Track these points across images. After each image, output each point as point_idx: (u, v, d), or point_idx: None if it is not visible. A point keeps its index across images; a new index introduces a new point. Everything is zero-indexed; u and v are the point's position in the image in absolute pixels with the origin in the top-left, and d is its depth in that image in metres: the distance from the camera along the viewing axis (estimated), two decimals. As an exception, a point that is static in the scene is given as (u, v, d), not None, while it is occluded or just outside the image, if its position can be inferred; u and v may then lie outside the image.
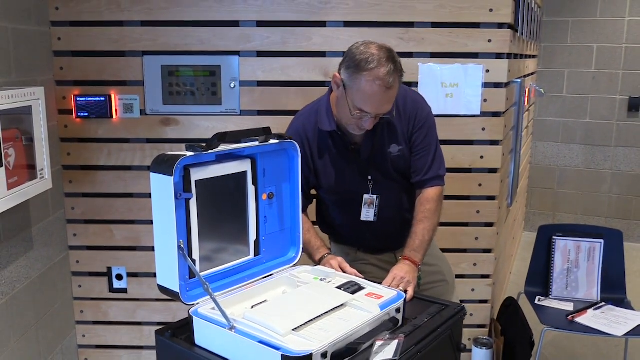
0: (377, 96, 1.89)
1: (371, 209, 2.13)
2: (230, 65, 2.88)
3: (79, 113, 2.93)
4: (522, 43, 3.63)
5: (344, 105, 1.96)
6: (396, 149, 2.11)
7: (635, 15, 5.20)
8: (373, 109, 1.91)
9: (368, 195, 2.12)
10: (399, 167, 2.15)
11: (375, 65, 1.86)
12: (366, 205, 2.13)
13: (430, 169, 2.16)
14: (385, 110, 1.95)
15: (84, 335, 3.21)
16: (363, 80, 1.88)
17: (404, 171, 2.17)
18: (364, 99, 1.90)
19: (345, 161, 2.11)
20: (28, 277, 2.69)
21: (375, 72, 1.86)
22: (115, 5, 2.85)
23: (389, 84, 1.87)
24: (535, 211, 5.78)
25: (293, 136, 2.03)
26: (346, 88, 1.94)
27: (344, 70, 1.95)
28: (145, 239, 3.07)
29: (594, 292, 3.03)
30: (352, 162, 2.11)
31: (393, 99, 1.95)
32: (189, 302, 1.61)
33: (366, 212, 2.14)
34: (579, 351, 3.51)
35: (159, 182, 1.53)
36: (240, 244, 1.82)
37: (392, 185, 2.17)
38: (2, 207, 2.22)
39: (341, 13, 2.82)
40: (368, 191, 2.12)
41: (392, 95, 1.93)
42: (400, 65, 1.93)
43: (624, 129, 5.41)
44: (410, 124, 2.12)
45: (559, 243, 3.07)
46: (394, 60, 1.90)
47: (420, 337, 1.63)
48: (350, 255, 2.25)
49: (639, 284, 4.52)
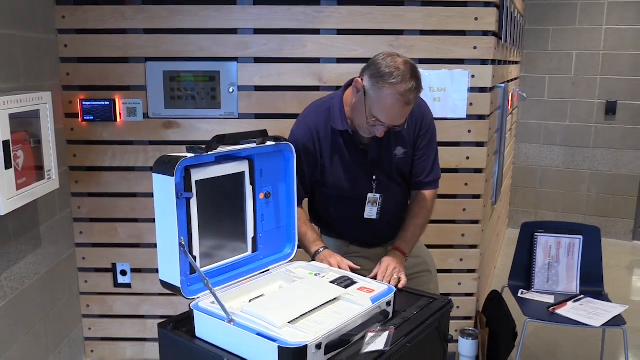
0: (395, 110, 1.86)
1: (374, 207, 2.12)
2: (228, 71, 2.88)
3: (85, 116, 2.93)
4: (506, 50, 3.64)
5: (361, 110, 1.93)
6: (401, 151, 2.11)
7: (612, 24, 5.22)
8: (389, 120, 1.89)
9: (372, 195, 2.11)
10: (401, 169, 2.15)
11: (399, 80, 1.82)
12: (370, 204, 2.11)
13: (431, 172, 2.19)
14: (399, 122, 1.92)
15: (90, 328, 3.21)
16: (385, 92, 1.84)
17: (405, 173, 2.17)
18: (382, 110, 1.87)
19: (353, 160, 2.09)
20: (37, 273, 2.68)
21: (398, 87, 1.82)
22: (119, 14, 2.84)
23: (409, 101, 1.85)
24: (518, 209, 5.79)
25: (304, 132, 2.05)
26: (366, 95, 1.90)
27: (367, 78, 1.89)
28: (148, 237, 3.07)
29: (574, 286, 3.03)
30: (359, 162, 2.09)
31: (408, 114, 1.93)
32: (190, 296, 1.60)
33: (369, 210, 2.12)
34: (560, 341, 3.52)
35: (161, 182, 1.53)
36: (238, 241, 1.81)
37: (393, 186, 2.16)
38: (11, 206, 2.21)
39: (334, 21, 2.82)
40: (372, 190, 2.11)
41: (409, 111, 1.91)
42: (421, 82, 1.89)
43: (602, 131, 5.43)
44: (416, 129, 2.12)
45: (540, 239, 3.08)
46: (417, 77, 1.86)
47: (409, 329, 1.63)
48: (343, 249, 2.23)
49: (615, 278, 4.55)
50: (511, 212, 5.80)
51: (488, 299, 3.24)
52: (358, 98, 1.94)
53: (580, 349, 3.44)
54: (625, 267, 4.94)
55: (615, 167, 5.45)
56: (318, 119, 2.08)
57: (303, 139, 2.06)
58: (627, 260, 5.10)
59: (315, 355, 1.40)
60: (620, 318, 2.73)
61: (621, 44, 5.22)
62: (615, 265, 4.88)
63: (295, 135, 2.08)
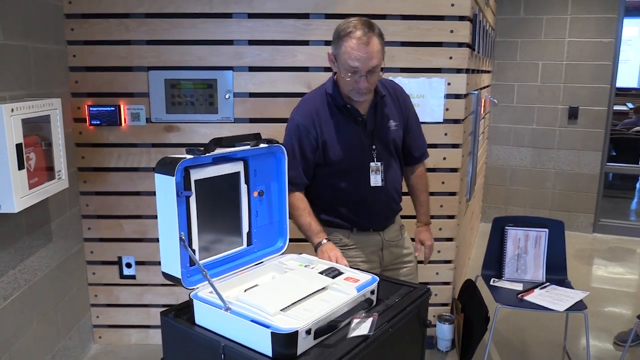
0: (356, 51, 1.88)
1: (378, 175, 2.11)
2: (225, 79, 2.86)
3: (92, 121, 2.90)
4: (479, 60, 3.65)
5: (339, 73, 1.97)
6: (393, 124, 2.14)
7: (574, 37, 5.26)
8: (359, 63, 1.89)
9: (374, 163, 2.10)
10: (395, 142, 2.17)
11: (352, 30, 1.89)
12: (374, 172, 2.11)
13: (424, 144, 2.32)
14: (370, 63, 1.90)
15: (97, 317, 3.18)
16: (344, 44, 1.90)
17: (398, 147, 2.19)
18: (348, 57, 1.90)
19: (353, 131, 2.08)
20: (48, 266, 2.65)
21: (353, 35, 1.89)
22: (123, 26, 2.82)
23: (365, 41, 1.88)
24: (490, 205, 5.82)
25: (304, 115, 2.05)
26: (336, 58, 1.96)
27: (332, 47, 1.97)
28: (151, 232, 3.05)
29: (540, 274, 3.05)
30: (360, 132, 2.08)
31: (375, 55, 1.90)
32: (190, 286, 1.59)
33: (374, 178, 2.11)
34: (527, 325, 3.54)
35: (162, 182, 1.52)
36: (234, 235, 1.80)
37: (389, 157, 2.16)
38: (24, 204, 2.19)
39: (322, 33, 2.82)
40: (373, 159, 2.10)
41: (373, 51, 1.90)
42: (378, 29, 1.93)
43: (565, 134, 5.47)
44: (402, 105, 2.18)
45: (510, 232, 3.09)
46: (369, 24, 1.91)
47: (391, 315, 1.63)
48: (343, 240, 2.19)
49: (577, 267, 4.59)
50: (484, 208, 5.83)
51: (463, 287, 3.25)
52: (335, 68, 1.99)
53: (546, 332, 3.47)
54: (586, 257, 4.98)
55: (577, 166, 5.49)
56: (316, 103, 2.09)
57: (304, 121, 2.05)
58: (587, 250, 5.14)
59: (306, 339, 1.39)
60: (581, 303, 2.75)
61: (582, 55, 5.26)
62: (577, 255, 4.92)
63: (297, 120, 2.07)
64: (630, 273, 4.60)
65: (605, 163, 5.46)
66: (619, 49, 5.23)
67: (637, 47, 9.35)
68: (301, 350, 1.39)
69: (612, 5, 5.10)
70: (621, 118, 8.17)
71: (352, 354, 1.41)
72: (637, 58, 9.38)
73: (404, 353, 1.74)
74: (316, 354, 1.40)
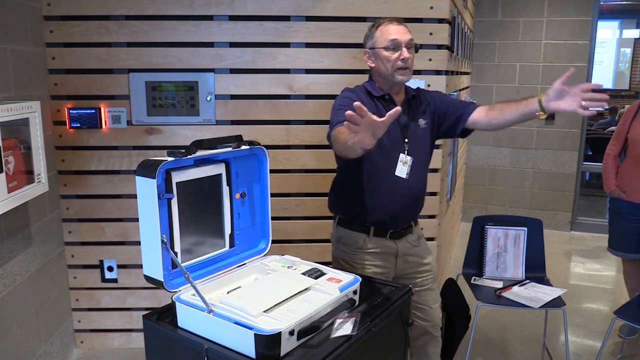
0: (394, 28, 2.04)
1: (405, 167, 2.11)
2: (206, 81, 2.85)
3: (72, 124, 2.87)
4: (458, 62, 3.68)
5: (379, 58, 2.06)
6: (423, 122, 2.17)
7: (550, 39, 5.33)
8: (397, 35, 2.02)
9: (404, 155, 2.11)
10: (424, 140, 2.19)
11: (382, 21, 2.09)
12: (401, 163, 2.11)
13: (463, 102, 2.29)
14: (408, 38, 2.04)
15: (79, 321, 3.14)
16: (379, 29, 2.06)
17: (426, 145, 2.21)
18: (387, 33, 2.04)
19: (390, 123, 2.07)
20: (28, 270, 2.61)
21: (384, 22, 2.08)
22: (103, 28, 2.79)
23: (397, 22, 2.06)
24: (471, 204, 5.87)
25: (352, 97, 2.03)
26: (374, 49, 2.07)
27: (367, 42, 2.11)
28: (132, 235, 3.01)
29: (520, 272, 3.08)
30: (395, 123, 2.03)
31: (409, 33, 2.06)
32: (172, 289, 1.58)
33: (400, 168, 2.11)
34: (508, 322, 3.58)
35: (143, 184, 1.50)
36: (216, 237, 1.79)
37: (419, 154, 2.15)
38: (3, 208, 2.16)
39: (303, 35, 2.82)
40: (404, 151, 2.11)
41: (407, 30, 2.06)
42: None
43: (543, 135, 5.54)
44: (428, 100, 2.21)
45: (490, 231, 3.12)
46: (398, 19, 2.09)
47: (374, 315, 1.63)
48: (359, 242, 2.17)
49: (555, 264, 4.65)
50: (464, 207, 5.88)
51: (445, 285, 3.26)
52: (374, 59, 2.09)
53: (526, 328, 3.50)
54: (564, 254, 5.04)
55: (555, 166, 5.57)
56: (357, 93, 2.12)
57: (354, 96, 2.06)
58: (565, 248, 5.21)
59: (289, 340, 1.39)
60: (560, 300, 2.78)
61: (558, 57, 5.34)
62: (555, 253, 4.99)
63: (349, 95, 2.08)
64: (607, 270, 4.68)
65: (582, 162, 5.55)
66: (594, 51, 5.32)
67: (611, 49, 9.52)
68: (284, 351, 1.39)
69: (587, 8, 5.19)
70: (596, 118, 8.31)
71: (335, 354, 1.41)
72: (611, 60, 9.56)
73: (387, 352, 1.74)
74: (299, 355, 1.40)
